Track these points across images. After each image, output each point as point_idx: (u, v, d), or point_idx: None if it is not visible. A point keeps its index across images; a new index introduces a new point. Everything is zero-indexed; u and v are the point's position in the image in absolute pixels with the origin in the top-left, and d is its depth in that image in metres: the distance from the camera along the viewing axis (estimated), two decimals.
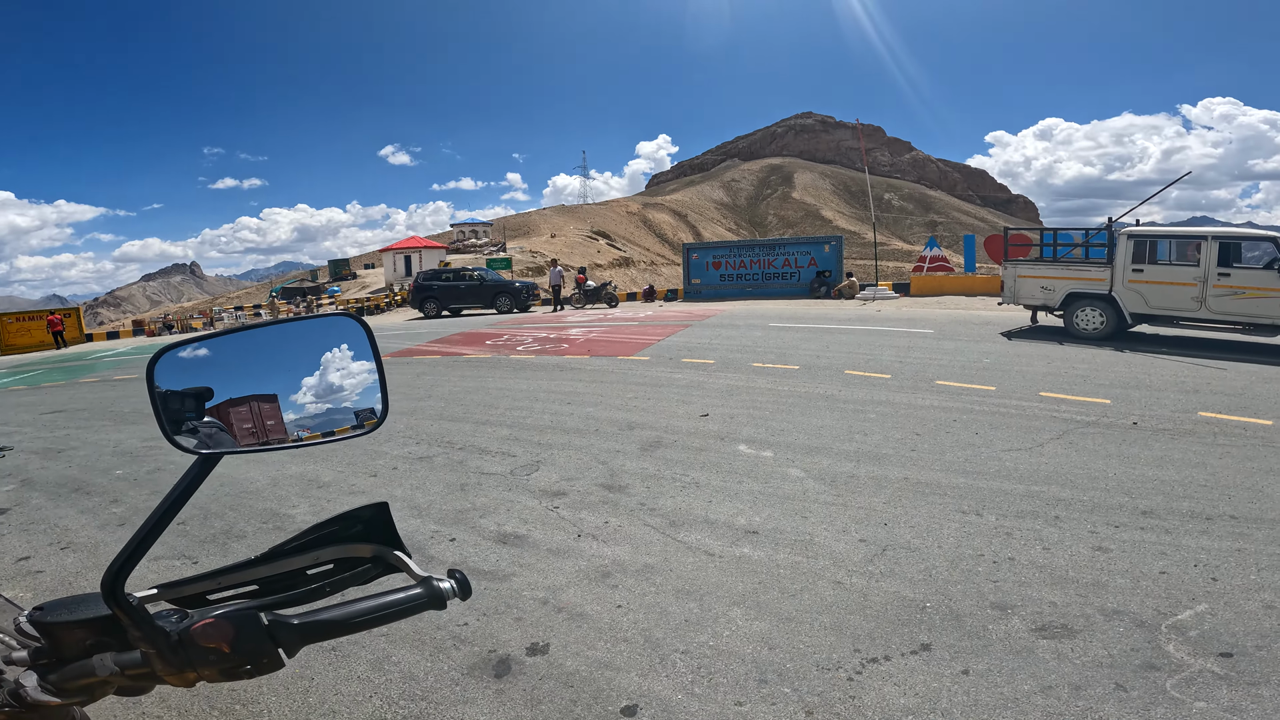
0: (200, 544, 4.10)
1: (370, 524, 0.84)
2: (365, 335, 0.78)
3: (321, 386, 0.76)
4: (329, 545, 0.82)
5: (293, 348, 0.76)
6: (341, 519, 0.83)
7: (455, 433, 6.34)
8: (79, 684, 0.68)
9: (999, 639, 2.68)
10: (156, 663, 0.66)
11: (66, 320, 28.44)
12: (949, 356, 9.31)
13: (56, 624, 0.69)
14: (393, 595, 0.74)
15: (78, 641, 0.69)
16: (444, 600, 0.75)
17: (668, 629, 2.84)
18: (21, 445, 7.27)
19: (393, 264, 45.10)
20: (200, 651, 0.66)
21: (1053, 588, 3.06)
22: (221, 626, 0.66)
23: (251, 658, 0.67)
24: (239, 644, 0.66)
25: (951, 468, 4.71)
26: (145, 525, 0.67)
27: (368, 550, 0.84)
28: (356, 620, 0.71)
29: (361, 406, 0.78)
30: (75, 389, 12.53)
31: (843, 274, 22.90)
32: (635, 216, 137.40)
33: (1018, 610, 2.88)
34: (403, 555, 0.84)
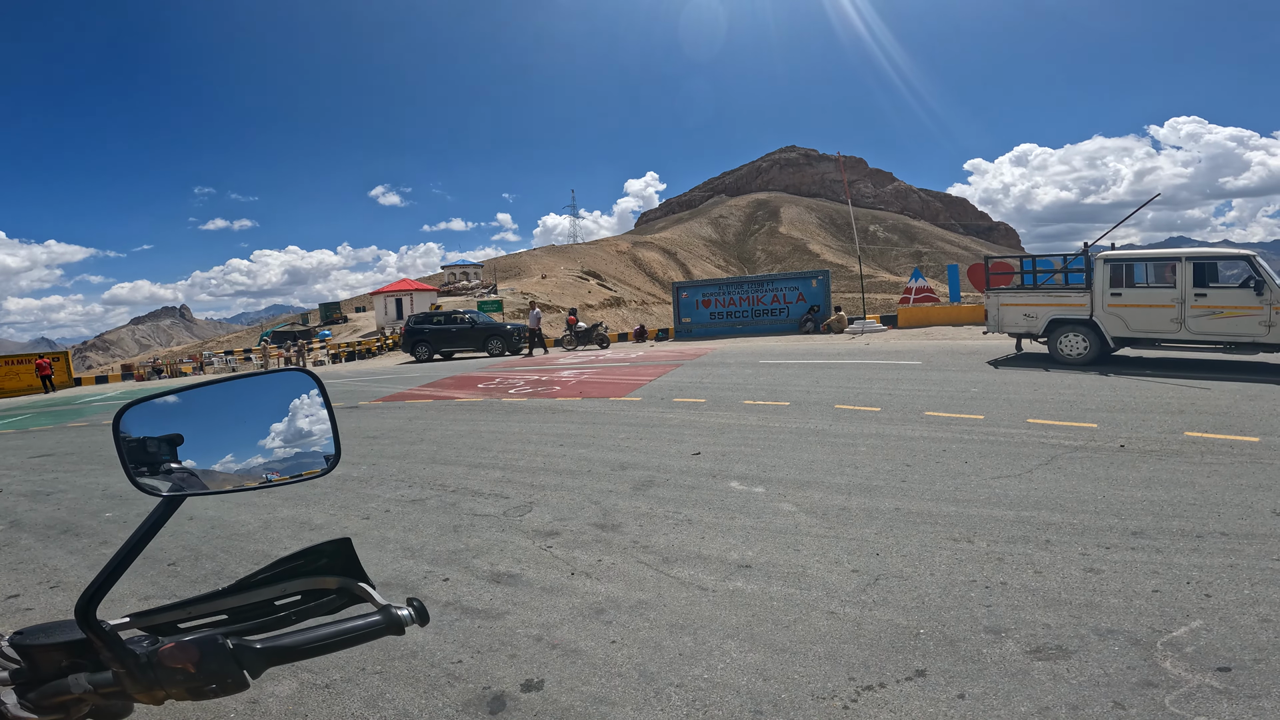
0: (191, 584, 4.08)
1: (333, 557, 0.89)
2: (317, 386, 0.86)
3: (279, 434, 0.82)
4: (295, 578, 0.87)
5: (253, 399, 0.83)
6: (305, 554, 0.88)
7: (448, 475, 6.33)
8: (55, 701, 0.73)
9: (994, 662, 2.68)
10: (127, 682, 0.71)
11: (55, 364, 28.30)
12: (937, 387, 9.41)
13: (34, 646, 0.74)
14: (352, 621, 0.78)
15: (54, 663, 0.74)
16: (402, 626, 0.80)
17: (662, 663, 2.83)
18: (10, 488, 7.22)
19: (384, 307, 45.29)
20: (167, 672, 0.70)
21: (1046, 610, 3.08)
22: (186, 649, 0.71)
23: (216, 678, 0.71)
24: (203, 665, 0.70)
25: (942, 497, 4.75)
26: (115, 558, 0.73)
27: (333, 582, 0.89)
28: (317, 644, 0.75)
29: (316, 451, 0.85)
30: (64, 433, 12.42)
31: (831, 308, 23.19)
32: (625, 255, 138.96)
33: (1012, 633, 2.90)
34: (366, 586, 0.89)
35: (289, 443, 0.82)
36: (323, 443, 0.85)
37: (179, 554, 4.59)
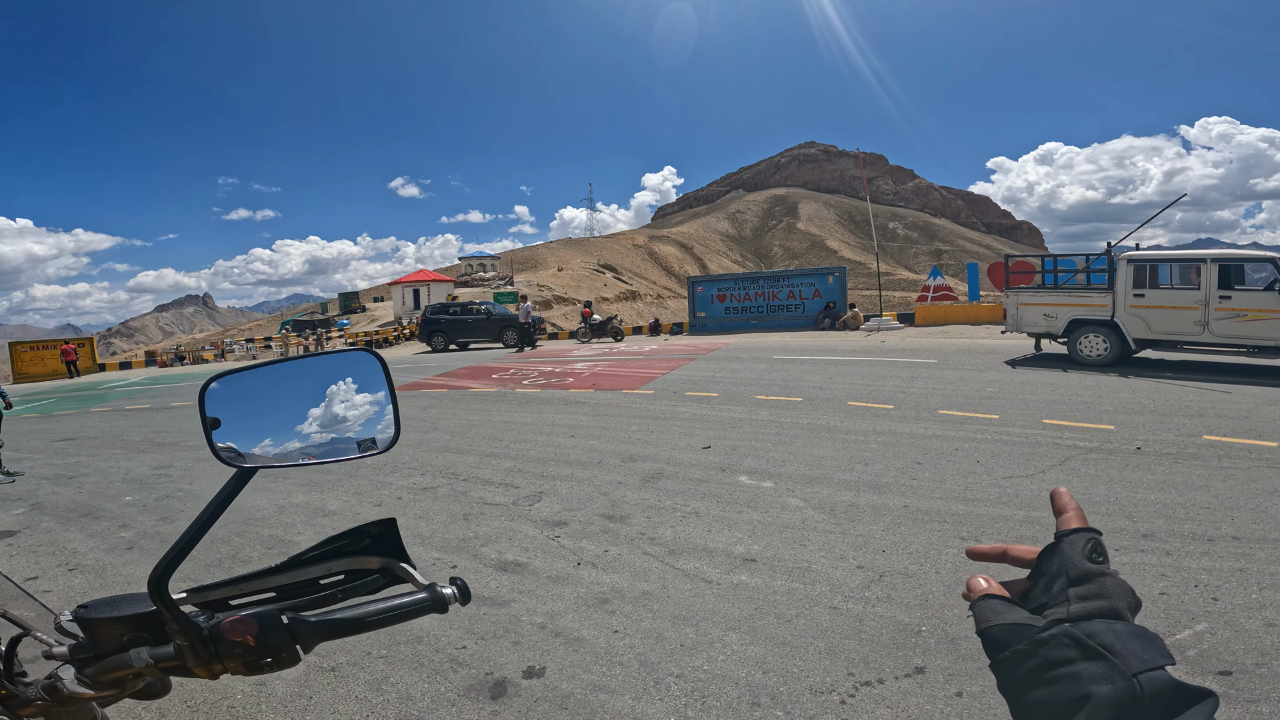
0: (206, 568, 4.15)
1: (378, 538, 0.92)
2: (381, 367, 0.88)
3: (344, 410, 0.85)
4: (340, 557, 0.90)
5: (323, 377, 0.85)
6: (351, 533, 0.90)
7: (460, 464, 6.40)
8: (112, 676, 0.74)
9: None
10: (188, 655, 0.73)
11: (80, 350, 28.84)
12: (952, 386, 9.32)
13: (98, 619, 0.75)
14: (399, 599, 0.80)
15: (115, 637, 0.75)
16: (445, 604, 0.82)
17: (663, 653, 2.86)
18: (33, 471, 7.39)
19: (401, 297, 45.63)
20: (227, 645, 0.72)
21: None
22: (247, 623, 0.73)
23: (272, 652, 0.73)
24: (261, 639, 0.73)
25: (952, 495, 4.72)
26: (188, 531, 0.74)
27: (375, 562, 0.91)
28: (367, 620, 0.78)
29: (377, 429, 0.87)
30: (87, 417, 12.69)
31: (847, 305, 23.03)
32: (641, 249, 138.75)
33: None
34: (408, 567, 0.91)
35: (353, 419, 0.84)
36: (384, 420, 0.87)
37: None
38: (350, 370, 0.87)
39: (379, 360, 0.88)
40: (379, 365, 0.88)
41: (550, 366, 15.00)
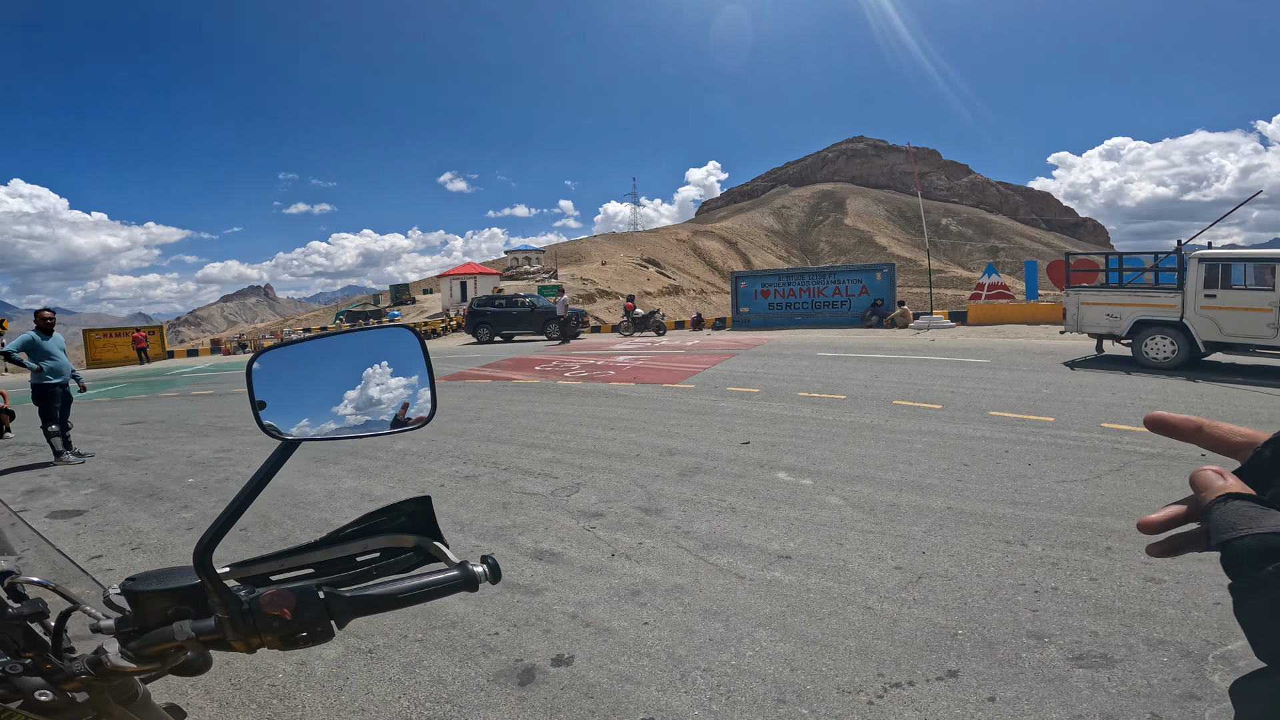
0: (258, 549, 4.30)
1: (413, 516, 0.94)
2: (418, 344, 0.90)
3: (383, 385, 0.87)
4: (377, 534, 0.92)
5: (362, 353, 0.88)
6: (387, 510, 0.92)
7: (501, 454, 6.50)
8: (155, 649, 0.76)
9: (1032, 667, 2.60)
10: (228, 629, 0.74)
11: (150, 337, 30.38)
12: (1005, 387, 9.01)
13: (145, 592, 0.77)
14: (431, 576, 0.82)
15: (160, 610, 0.77)
16: (476, 582, 0.83)
17: (692, 647, 2.85)
18: (102, 453, 7.82)
19: (449, 289, 46.63)
20: (265, 619, 0.74)
21: (1096, 618, 2.95)
22: (285, 596, 0.75)
23: (308, 626, 0.75)
24: (298, 613, 0.75)
25: (999, 498, 4.57)
26: (232, 504, 0.75)
27: (410, 540, 0.94)
28: (399, 596, 0.79)
29: (416, 403, 0.89)
30: (155, 402, 13.38)
31: (895, 302, 22.48)
32: (685, 244, 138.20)
33: (1055, 639, 2.79)
34: (441, 545, 0.93)
35: (391, 395, 0.86)
36: (421, 396, 0.88)
37: (250, 519, 4.88)
38: (389, 347, 0.88)
39: (417, 337, 0.90)
40: (416, 342, 0.89)
41: (592, 359, 15.11)
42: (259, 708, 2.55)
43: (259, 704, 2.57)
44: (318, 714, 2.51)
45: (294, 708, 2.55)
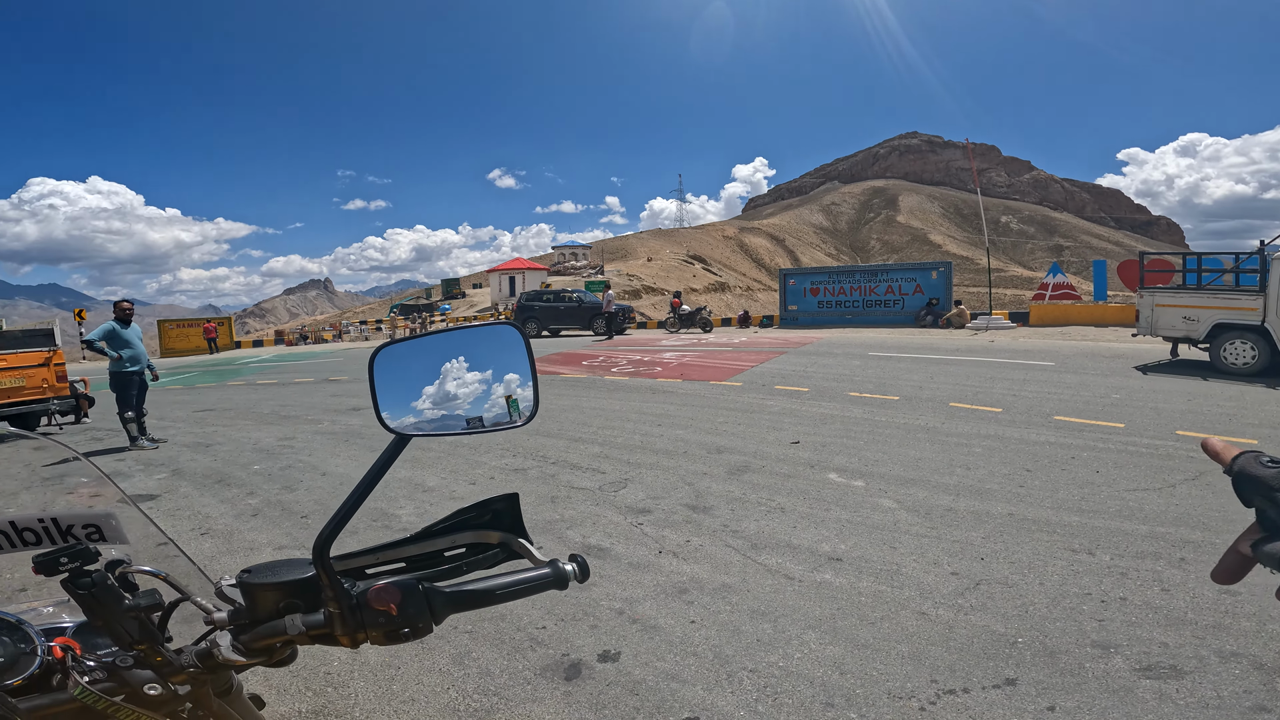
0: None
1: (500, 513, 0.95)
2: (523, 342, 0.90)
3: (489, 383, 0.87)
4: (467, 530, 0.93)
5: (472, 349, 0.87)
6: (478, 506, 0.94)
7: (549, 448, 6.57)
8: (264, 643, 0.76)
9: (1095, 677, 2.49)
10: (337, 623, 0.75)
11: (219, 328, 31.93)
12: (1071, 391, 8.62)
13: (259, 585, 0.77)
14: (524, 574, 0.83)
15: (272, 603, 0.77)
16: (566, 581, 0.83)
17: (739, 647, 2.82)
18: (175, 439, 8.24)
19: (498, 284, 47.47)
20: (372, 614, 0.75)
21: (1166, 629, 2.81)
22: (391, 591, 0.75)
23: (411, 621, 0.76)
24: (403, 608, 0.75)
25: (1065, 505, 4.37)
26: (350, 498, 0.76)
27: (496, 537, 0.95)
28: (496, 592, 0.80)
29: (519, 402, 0.88)
30: (224, 390, 14.04)
31: (951, 302, 21.78)
32: (731, 241, 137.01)
33: (1122, 650, 2.67)
34: (526, 543, 0.94)
35: (499, 391, 0.87)
36: (525, 393, 0.88)
37: (311, 508, 5.06)
38: (495, 343, 0.88)
39: (522, 335, 0.89)
40: (520, 340, 0.89)
41: (639, 355, 15.13)
42: (314, 695, 2.62)
43: (315, 691, 2.64)
44: (369, 702, 2.56)
45: (347, 695, 2.61)
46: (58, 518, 0.86)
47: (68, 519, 0.86)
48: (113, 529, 0.88)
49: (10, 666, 0.74)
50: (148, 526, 0.96)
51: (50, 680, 0.74)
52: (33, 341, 10.12)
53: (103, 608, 0.75)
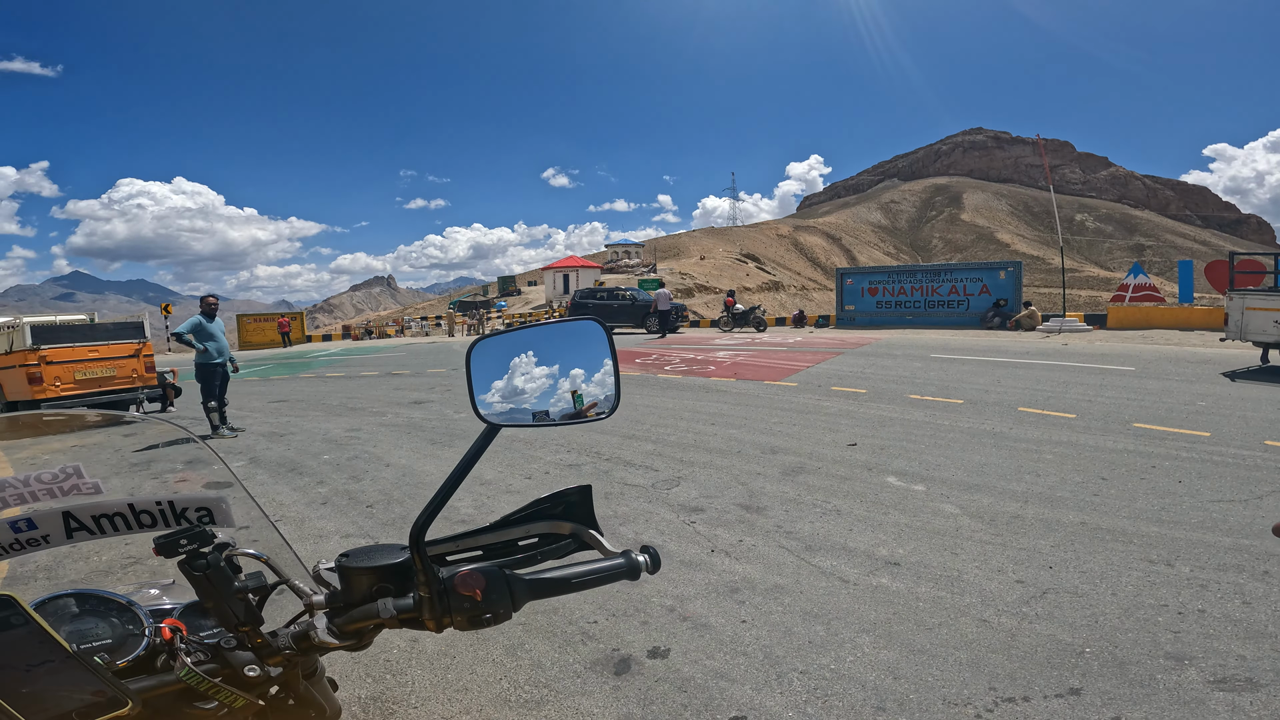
0: (383, 525, 4.64)
1: (573, 505, 0.97)
2: (605, 336, 0.92)
3: (576, 376, 0.90)
4: (541, 520, 0.96)
5: (559, 343, 0.90)
6: (552, 497, 0.96)
7: (603, 444, 6.63)
8: (356, 626, 0.78)
9: (1166, 689, 2.38)
10: (426, 607, 0.77)
11: (293, 323, 33.50)
12: (1152, 397, 8.13)
13: (356, 569, 0.80)
14: (598, 563, 0.85)
15: (366, 587, 0.80)
16: (639, 571, 0.85)
17: (789, 648, 2.79)
18: (252, 428, 8.70)
19: (553, 282, 48.13)
20: (458, 599, 0.77)
21: (1245, 642, 2.65)
22: (476, 577, 0.78)
23: (493, 608, 0.78)
24: (488, 594, 0.77)
25: (1142, 515, 4.14)
26: (444, 485, 0.78)
27: (567, 528, 0.96)
28: (572, 581, 0.82)
29: (602, 395, 0.90)
30: (296, 382, 14.73)
31: (1021, 303, 20.85)
32: (785, 239, 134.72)
33: (1196, 662, 2.53)
34: (596, 534, 0.95)
35: (583, 384, 0.89)
36: (608, 387, 0.90)
37: (376, 498, 5.26)
38: (580, 337, 0.90)
39: (605, 330, 0.91)
40: (604, 334, 0.91)
41: (692, 354, 15.10)
42: (374, 681, 2.71)
43: (374, 678, 2.73)
44: (425, 690, 2.63)
45: (405, 683, 2.69)
46: (173, 500, 0.89)
47: (182, 502, 0.90)
48: (223, 512, 0.93)
49: (118, 647, 0.77)
50: (250, 510, 0.98)
51: (154, 661, 0.77)
52: (123, 334, 10.86)
53: (214, 589, 0.77)
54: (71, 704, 0.66)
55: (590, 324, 0.91)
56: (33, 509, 0.84)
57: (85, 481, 0.87)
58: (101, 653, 0.76)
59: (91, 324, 11.08)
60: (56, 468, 0.86)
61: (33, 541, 0.84)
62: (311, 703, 0.85)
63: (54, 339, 9.93)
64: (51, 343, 9.84)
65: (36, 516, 0.84)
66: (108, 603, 0.82)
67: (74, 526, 0.86)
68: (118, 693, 0.68)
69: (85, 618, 0.80)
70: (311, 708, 0.85)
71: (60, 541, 0.85)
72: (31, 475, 0.85)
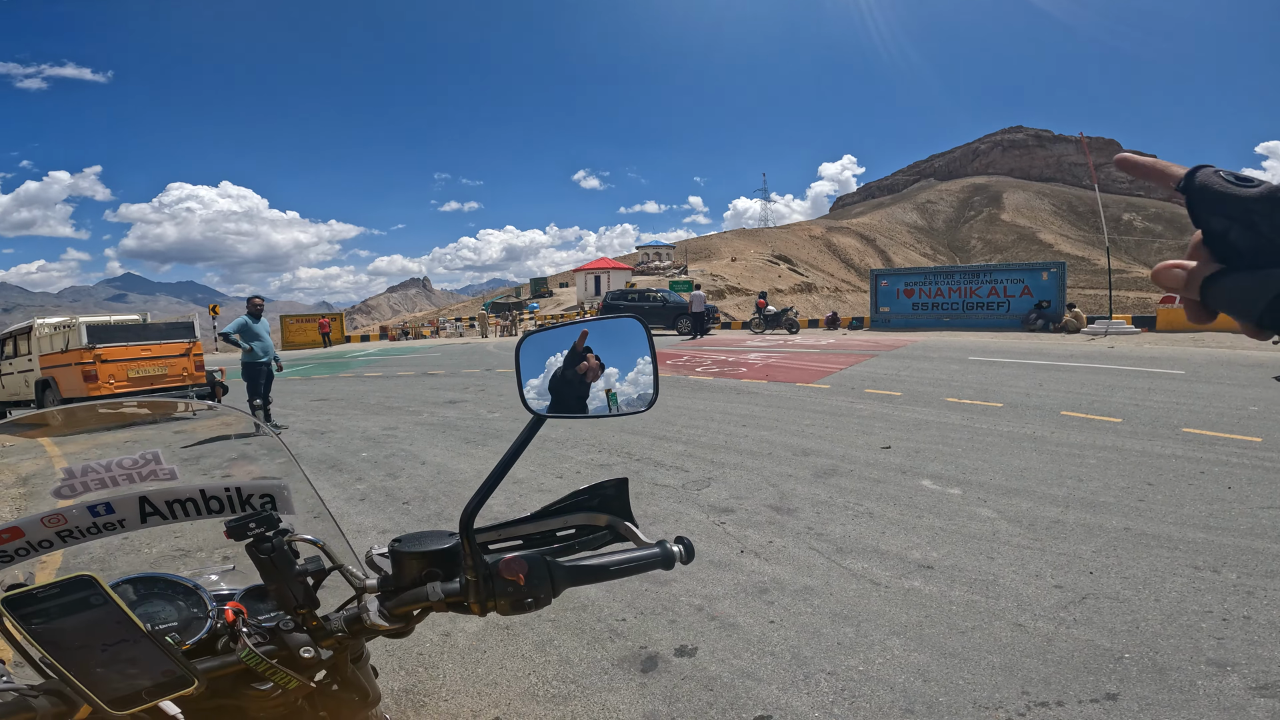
0: (418, 522, 4.74)
1: (609, 498, 1.00)
2: (644, 332, 0.94)
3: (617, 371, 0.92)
4: (579, 511, 0.99)
5: (601, 338, 0.92)
6: (591, 489, 0.99)
7: (634, 445, 6.66)
8: (405, 610, 0.81)
9: (1206, 695, 2.32)
10: (471, 592, 0.80)
11: (332, 324, 34.36)
12: (1203, 401, 7.83)
13: (408, 553, 0.83)
14: (634, 553, 0.87)
15: (416, 571, 0.83)
16: (673, 561, 0.88)
17: (818, 649, 2.77)
18: (295, 426, 8.96)
19: (584, 283, 48.38)
20: (502, 584, 0.80)
21: None
22: (520, 563, 0.81)
23: (534, 592, 0.81)
24: (530, 579, 0.81)
25: (1189, 521, 4.00)
26: (492, 473, 0.82)
27: (604, 519, 1.00)
28: (609, 569, 0.85)
29: (641, 390, 0.92)
30: (336, 382, 15.11)
31: (1065, 304, 20.25)
32: (818, 240, 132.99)
33: (1239, 669, 2.46)
34: (632, 526, 0.98)
35: (624, 379, 0.91)
36: (646, 382, 0.92)
37: (412, 495, 5.37)
38: (619, 333, 0.93)
39: (643, 325, 0.93)
40: (643, 330, 0.93)
41: (723, 355, 15.04)
42: (406, 674, 2.77)
43: (407, 670, 2.80)
44: (456, 683, 2.69)
45: (436, 676, 2.75)
46: (240, 487, 0.93)
47: (249, 489, 0.94)
48: (284, 499, 0.96)
49: (184, 629, 0.81)
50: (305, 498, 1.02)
51: (215, 643, 0.80)
52: (175, 333, 11.28)
53: (278, 572, 0.81)
54: (142, 683, 0.68)
55: (631, 321, 0.93)
56: (112, 494, 0.87)
57: (163, 468, 0.90)
58: (172, 633, 0.79)
59: (144, 324, 11.50)
60: (137, 454, 0.89)
61: (109, 525, 0.87)
62: (356, 686, 0.87)
63: (108, 338, 10.35)
64: (106, 342, 10.26)
65: (115, 501, 0.87)
66: (174, 586, 0.86)
67: (148, 511, 0.89)
68: (186, 672, 0.70)
69: (153, 600, 0.83)
70: (356, 691, 0.87)
71: (135, 526, 0.88)
72: (113, 461, 0.88)
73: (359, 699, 0.88)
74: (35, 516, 0.83)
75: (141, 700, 0.68)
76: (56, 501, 0.85)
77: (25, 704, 0.67)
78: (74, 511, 0.84)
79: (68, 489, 0.85)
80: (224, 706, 0.79)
